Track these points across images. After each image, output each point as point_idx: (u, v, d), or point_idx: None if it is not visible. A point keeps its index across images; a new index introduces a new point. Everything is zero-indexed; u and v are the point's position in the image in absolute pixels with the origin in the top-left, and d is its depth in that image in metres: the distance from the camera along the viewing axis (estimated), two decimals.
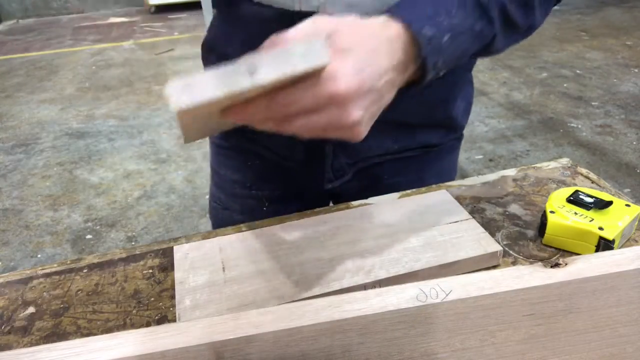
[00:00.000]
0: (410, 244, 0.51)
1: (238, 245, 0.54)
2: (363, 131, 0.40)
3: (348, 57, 0.37)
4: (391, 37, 0.40)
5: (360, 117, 0.38)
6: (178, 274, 0.50)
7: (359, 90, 0.37)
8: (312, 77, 0.36)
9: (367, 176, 0.71)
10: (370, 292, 0.35)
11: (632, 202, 0.55)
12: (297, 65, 0.34)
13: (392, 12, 0.41)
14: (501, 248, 0.51)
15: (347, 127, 0.38)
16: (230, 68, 0.33)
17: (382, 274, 0.48)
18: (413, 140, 0.69)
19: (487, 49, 0.48)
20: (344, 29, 0.38)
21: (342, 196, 0.75)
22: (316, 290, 0.46)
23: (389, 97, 0.42)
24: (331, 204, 0.81)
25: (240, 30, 0.63)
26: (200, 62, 0.75)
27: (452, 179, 0.76)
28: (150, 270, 0.55)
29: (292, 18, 0.53)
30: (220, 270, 0.50)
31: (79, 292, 0.52)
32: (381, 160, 0.70)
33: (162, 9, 6.71)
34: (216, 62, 0.71)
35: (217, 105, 0.36)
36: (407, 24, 0.40)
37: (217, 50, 0.69)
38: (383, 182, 0.71)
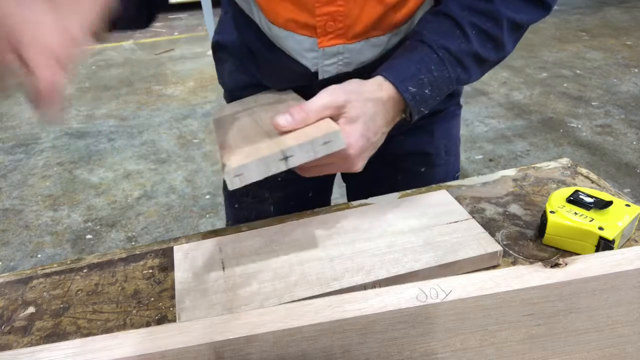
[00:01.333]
0: (410, 244, 0.51)
1: (238, 245, 0.54)
2: (362, 168, 0.54)
3: (356, 125, 0.51)
4: (384, 99, 0.54)
5: (362, 165, 0.54)
6: (178, 274, 0.50)
7: (362, 149, 0.52)
8: None
9: None
10: (370, 292, 0.35)
11: (632, 202, 0.55)
12: (320, 152, 0.46)
13: (384, 73, 0.55)
14: (501, 248, 0.51)
15: (352, 171, 0.53)
16: (270, 156, 0.45)
17: (382, 274, 0.48)
18: None
19: (464, 84, 0.62)
20: (352, 100, 0.51)
21: None
22: (316, 290, 0.46)
23: (381, 142, 0.56)
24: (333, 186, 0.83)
25: (272, 70, 0.71)
26: (199, 61, 0.76)
27: (458, 141, 0.81)
28: (150, 270, 0.55)
29: (312, 82, 0.65)
30: (220, 270, 0.50)
31: (79, 292, 0.52)
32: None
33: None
34: (231, 68, 0.77)
35: None
36: (395, 86, 0.54)
37: (242, 69, 0.75)
38: (393, 142, 0.72)
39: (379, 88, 0.54)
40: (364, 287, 0.47)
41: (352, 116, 0.51)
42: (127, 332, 0.33)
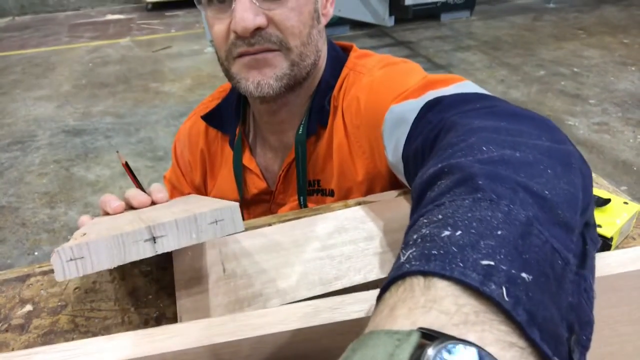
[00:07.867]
0: None
1: (238, 245, 0.53)
2: None
3: None
4: None
5: None
6: (178, 275, 0.50)
7: None
8: None
9: None
10: (372, 292, 0.35)
11: (630, 200, 0.55)
12: (206, 234, 0.32)
13: None
14: None
15: None
16: (130, 234, 0.29)
17: (384, 273, 0.47)
18: None
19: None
20: None
21: None
22: (317, 290, 0.46)
23: None
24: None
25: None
26: (196, 58, 0.76)
27: None
28: (148, 268, 0.54)
29: None
30: (221, 271, 0.50)
31: (77, 290, 0.52)
32: None
33: (159, 6, 6.68)
34: None
35: None
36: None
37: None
38: None
39: None
40: (366, 286, 0.47)
41: None
42: (124, 333, 0.33)
